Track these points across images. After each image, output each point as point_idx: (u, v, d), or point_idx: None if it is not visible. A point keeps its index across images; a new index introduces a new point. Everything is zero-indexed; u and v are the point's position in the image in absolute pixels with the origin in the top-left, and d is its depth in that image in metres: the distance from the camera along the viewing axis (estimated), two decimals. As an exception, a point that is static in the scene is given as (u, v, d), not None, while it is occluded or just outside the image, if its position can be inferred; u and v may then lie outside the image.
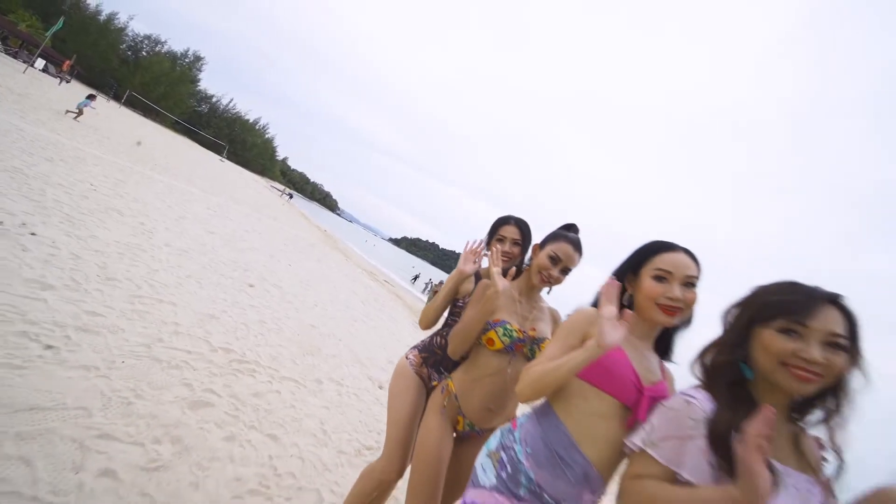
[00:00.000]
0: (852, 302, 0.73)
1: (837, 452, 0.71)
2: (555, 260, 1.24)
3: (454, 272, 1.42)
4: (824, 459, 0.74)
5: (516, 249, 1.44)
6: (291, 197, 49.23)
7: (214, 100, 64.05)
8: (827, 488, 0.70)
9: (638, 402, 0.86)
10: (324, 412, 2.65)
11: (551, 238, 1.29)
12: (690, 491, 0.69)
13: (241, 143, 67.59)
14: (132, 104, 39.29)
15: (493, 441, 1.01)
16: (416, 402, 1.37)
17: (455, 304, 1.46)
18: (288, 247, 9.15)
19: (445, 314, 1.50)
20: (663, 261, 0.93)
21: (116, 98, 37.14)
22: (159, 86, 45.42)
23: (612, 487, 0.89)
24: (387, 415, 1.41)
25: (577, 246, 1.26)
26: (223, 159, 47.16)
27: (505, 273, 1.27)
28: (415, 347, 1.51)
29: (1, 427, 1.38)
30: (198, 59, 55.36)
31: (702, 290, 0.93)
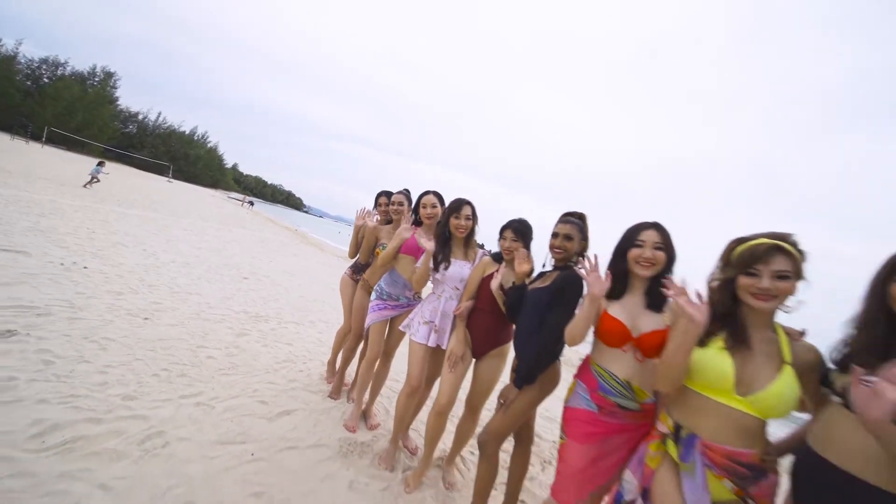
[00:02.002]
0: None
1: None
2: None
3: (370, 234, 2.77)
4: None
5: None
6: (252, 204, 48.17)
7: (141, 117, 59.36)
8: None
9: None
10: (315, 335, 4.17)
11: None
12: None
13: (184, 158, 63.76)
14: (53, 141, 36.52)
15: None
16: (352, 290, 2.86)
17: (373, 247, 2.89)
18: (264, 248, 10.29)
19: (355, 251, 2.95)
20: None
21: (35, 138, 34.37)
22: (76, 114, 41.75)
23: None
24: (341, 299, 2.90)
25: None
26: (170, 180, 45.13)
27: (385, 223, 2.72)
28: (349, 268, 2.97)
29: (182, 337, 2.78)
30: (109, 75, 50.66)
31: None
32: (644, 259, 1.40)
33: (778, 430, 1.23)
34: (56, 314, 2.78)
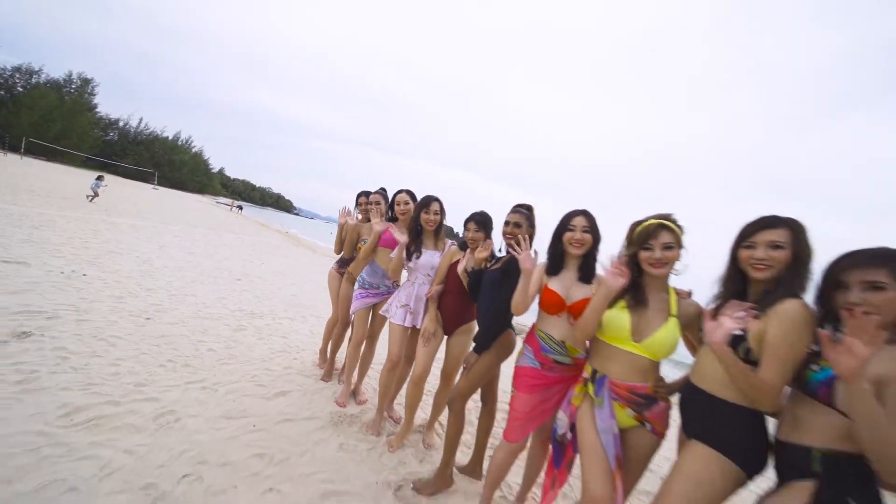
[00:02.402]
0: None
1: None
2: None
3: (351, 230, 3.06)
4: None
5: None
6: (241, 209, 47.73)
7: (122, 124, 58.17)
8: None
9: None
10: (308, 328, 4.44)
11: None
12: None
13: (169, 164, 62.68)
14: (32, 151, 35.72)
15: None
16: (338, 282, 3.13)
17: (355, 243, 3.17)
18: (255, 252, 10.46)
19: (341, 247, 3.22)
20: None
21: (13, 149, 33.62)
22: (54, 123, 40.81)
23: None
24: (328, 291, 3.17)
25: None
26: (156, 187, 44.48)
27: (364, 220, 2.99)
28: (336, 262, 3.24)
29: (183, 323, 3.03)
30: (86, 82, 49.51)
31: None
32: (575, 241, 1.70)
33: (671, 372, 1.55)
34: (64, 317, 3.01)
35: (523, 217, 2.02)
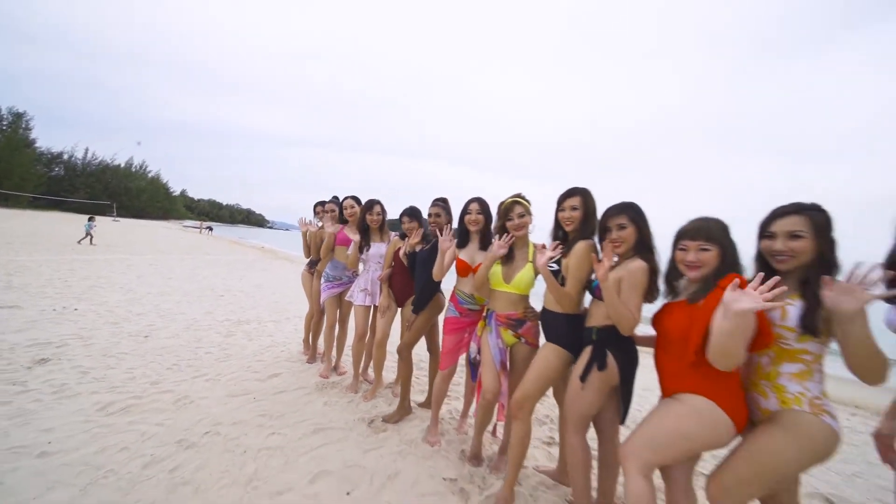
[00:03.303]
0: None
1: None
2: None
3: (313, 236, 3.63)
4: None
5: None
6: (212, 229, 46.36)
7: (67, 157, 54.78)
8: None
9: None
10: (292, 328, 4.99)
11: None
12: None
13: (125, 192, 59.72)
14: (-28, 198, 33.44)
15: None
16: (310, 281, 3.70)
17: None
18: (234, 269, 10.74)
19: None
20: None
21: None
22: (-10, 165, 38.23)
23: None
24: (304, 290, 3.74)
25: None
26: (116, 218, 42.63)
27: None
28: (306, 265, 3.80)
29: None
30: (18, 116, 46.06)
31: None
32: (472, 221, 2.35)
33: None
34: (72, 344, 3.46)
35: (441, 209, 2.66)
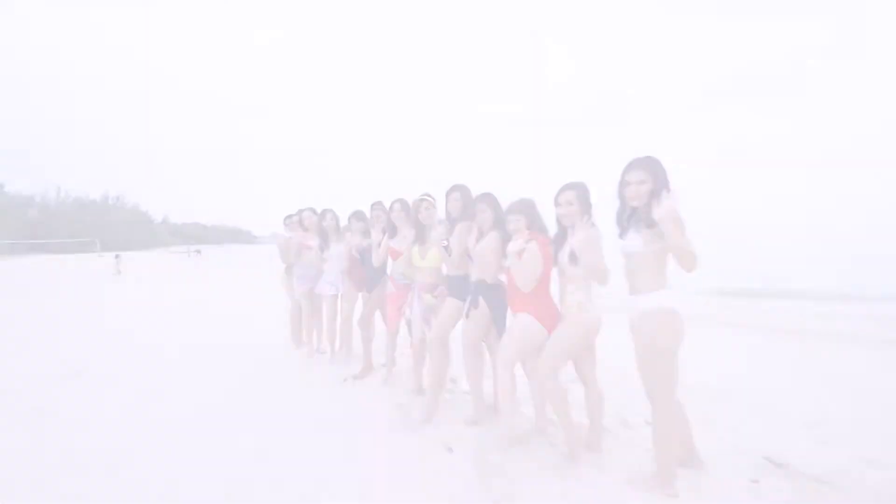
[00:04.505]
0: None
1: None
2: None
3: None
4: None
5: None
6: (200, 252, 45.93)
7: (38, 199, 53.50)
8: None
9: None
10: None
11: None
12: None
13: (107, 226, 58.77)
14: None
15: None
16: (288, 283, 4.47)
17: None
18: (250, 290, 11.27)
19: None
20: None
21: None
22: (-43, 214, 36.94)
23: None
24: (285, 291, 4.52)
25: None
26: (101, 254, 42.30)
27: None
28: (284, 271, 4.56)
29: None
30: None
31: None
32: (397, 217, 3.13)
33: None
34: (91, 365, 4.19)
35: (381, 211, 3.43)
